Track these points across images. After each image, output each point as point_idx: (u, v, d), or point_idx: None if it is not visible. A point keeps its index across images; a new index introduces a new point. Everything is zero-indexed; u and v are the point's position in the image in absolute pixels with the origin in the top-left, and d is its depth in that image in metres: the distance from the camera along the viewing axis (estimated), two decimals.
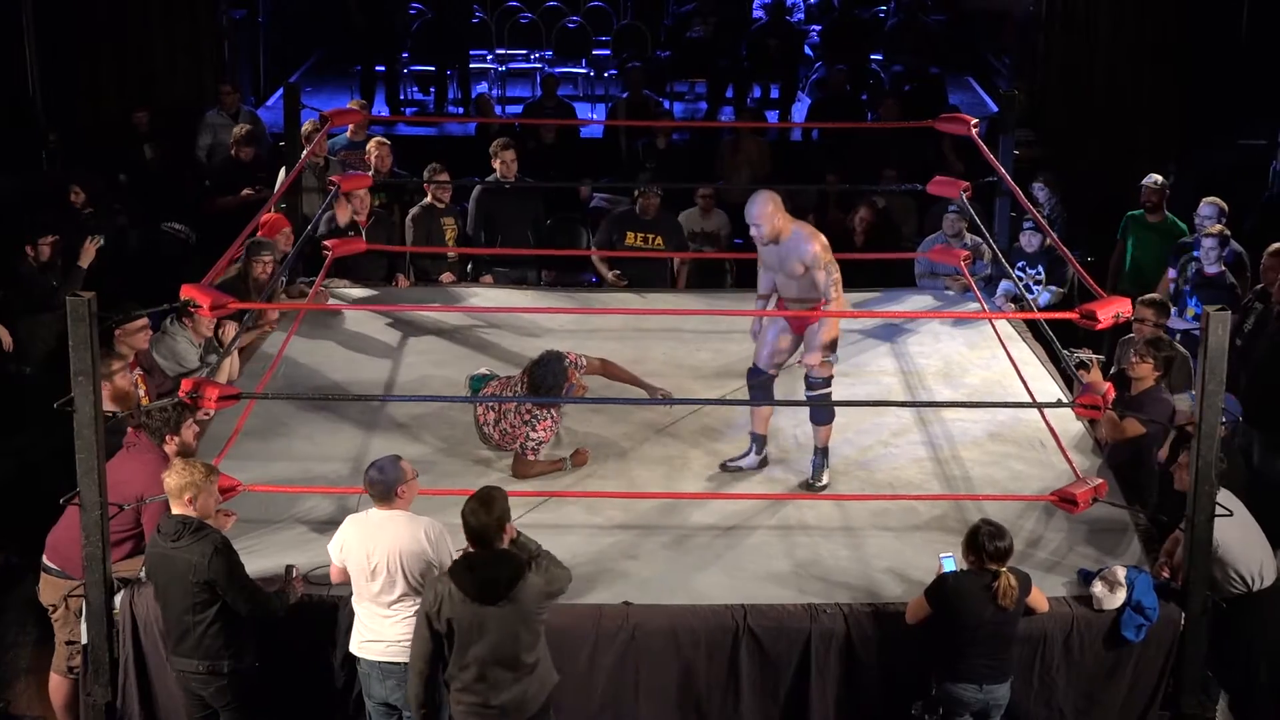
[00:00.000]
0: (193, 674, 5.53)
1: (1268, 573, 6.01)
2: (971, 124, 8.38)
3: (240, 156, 10.70)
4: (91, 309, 5.42)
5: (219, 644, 5.47)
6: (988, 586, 5.44)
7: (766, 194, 6.55)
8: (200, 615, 5.44)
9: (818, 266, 6.50)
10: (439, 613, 5.12)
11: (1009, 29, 14.56)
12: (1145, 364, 6.90)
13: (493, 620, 5.10)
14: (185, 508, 5.47)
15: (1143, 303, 7.62)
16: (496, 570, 5.13)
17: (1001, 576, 5.44)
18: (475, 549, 5.19)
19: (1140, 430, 6.73)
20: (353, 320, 8.64)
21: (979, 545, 5.45)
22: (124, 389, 6.70)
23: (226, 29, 12.76)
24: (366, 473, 5.53)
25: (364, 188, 9.05)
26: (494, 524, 5.15)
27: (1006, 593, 5.43)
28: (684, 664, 5.76)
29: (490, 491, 5.25)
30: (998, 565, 5.45)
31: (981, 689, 5.54)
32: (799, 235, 6.55)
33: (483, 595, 5.10)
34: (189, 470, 5.50)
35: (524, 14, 14.81)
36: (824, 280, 6.51)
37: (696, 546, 6.33)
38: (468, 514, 5.16)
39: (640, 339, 8.35)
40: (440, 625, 5.13)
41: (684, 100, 14.11)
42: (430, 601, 5.15)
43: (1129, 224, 9.69)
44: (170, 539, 5.42)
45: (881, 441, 7.25)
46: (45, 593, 6.16)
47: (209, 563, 5.37)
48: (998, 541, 5.45)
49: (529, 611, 5.18)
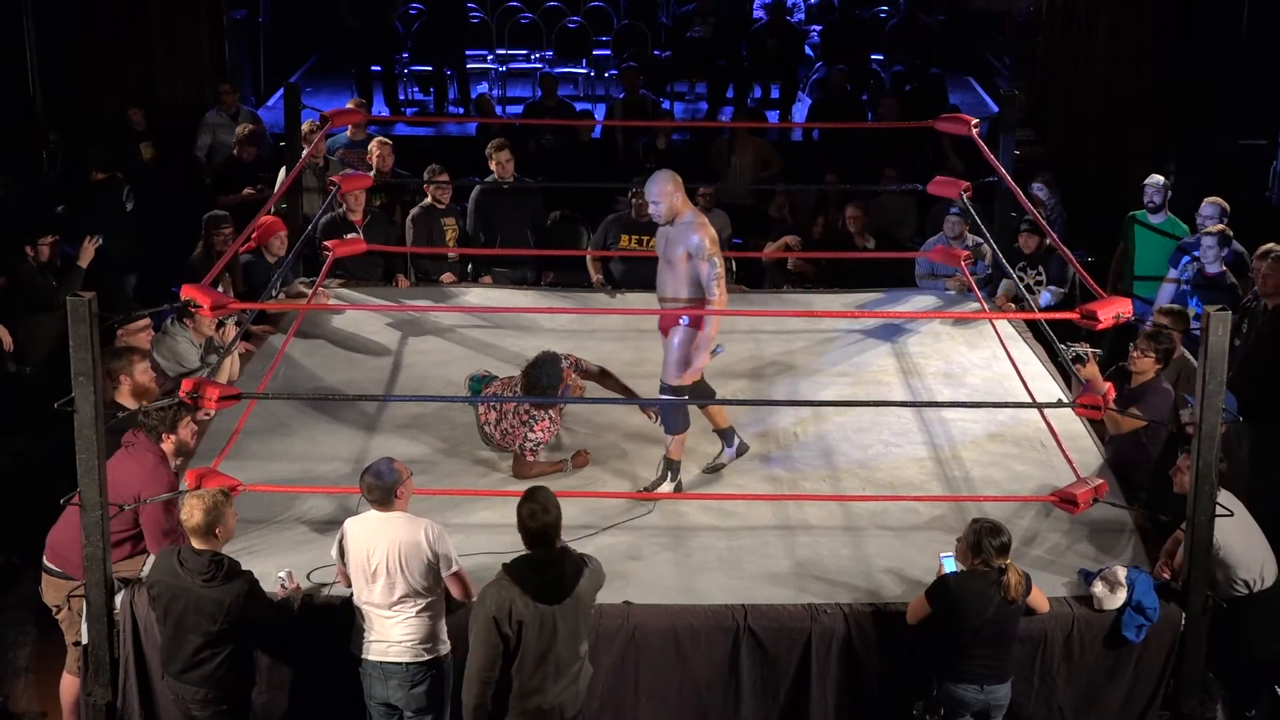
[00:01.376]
0: (192, 700, 5.54)
1: (1268, 573, 6.02)
2: (971, 124, 8.38)
3: (243, 157, 10.72)
4: (92, 309, 5.41)
5: (224, 675, 5.48)
6: (991, 585, 5.45)
7: (667, 173, 6.49)
8: (215, 649, 5.43)
9: (701, 257, 6.37)
10: (509, 616, 5.09)
11: (1009, 29, 14.55)
12: (1146, 358, 6.89)
13: (560, 619, 5.13)
14: (212, 542, 5.42)
15: (1160, 312, 7.61)
16: (562, 569, 5.17)
17: (1010, 570, 5.46)
18: (535, 550, 5.18)
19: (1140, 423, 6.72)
20: (353, 320, 8.64)
21: (980, 545, 5.46)
22: (144, 385, 6.67)
23: (226, 29, 12.75)
24: (363, 478, 5.50)
25: (364, 187, 9.06)
26: (555, 523, 5.17)
27: (1016, 586, 5.45)
28: (684, 664, 5.76)
29: (543, 492, 5.25)
30: (1002, 560, 5.46)
31: (983, 689, 5.54)
32: (691, 222, 6.43)
33: (550, 595, 5.12)
34: (210, 502, 5.43)
35: (524, 14, 14.81)
36: (706, 272, 6.37)
37: (696, 546, 6.33)
38: (527, 517, 5.14)
39: (640, 339, 8.34)
40: (510, 629, 5.10)
41: (684, 100, 14.11)
42: (495, 605, 5.10)
43: (1130, 224, 9.68)
44: (201, 577, 5.37)
45: (882, 441, 7.25)
46: (48, 594, 6.15)
47: (244, 604, 5.37)
48: (999, 538, 5.46)
49: (587, 608, 5.25)
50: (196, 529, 5.40)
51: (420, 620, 5.44)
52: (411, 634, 5.43)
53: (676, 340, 6.59)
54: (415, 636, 5.44)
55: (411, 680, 5.47)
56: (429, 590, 5.42)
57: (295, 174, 8.68)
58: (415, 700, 5.51)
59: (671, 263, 6.47)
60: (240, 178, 10.57)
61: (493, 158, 9.40)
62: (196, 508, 5.40)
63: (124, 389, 6.60)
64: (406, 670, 5.46)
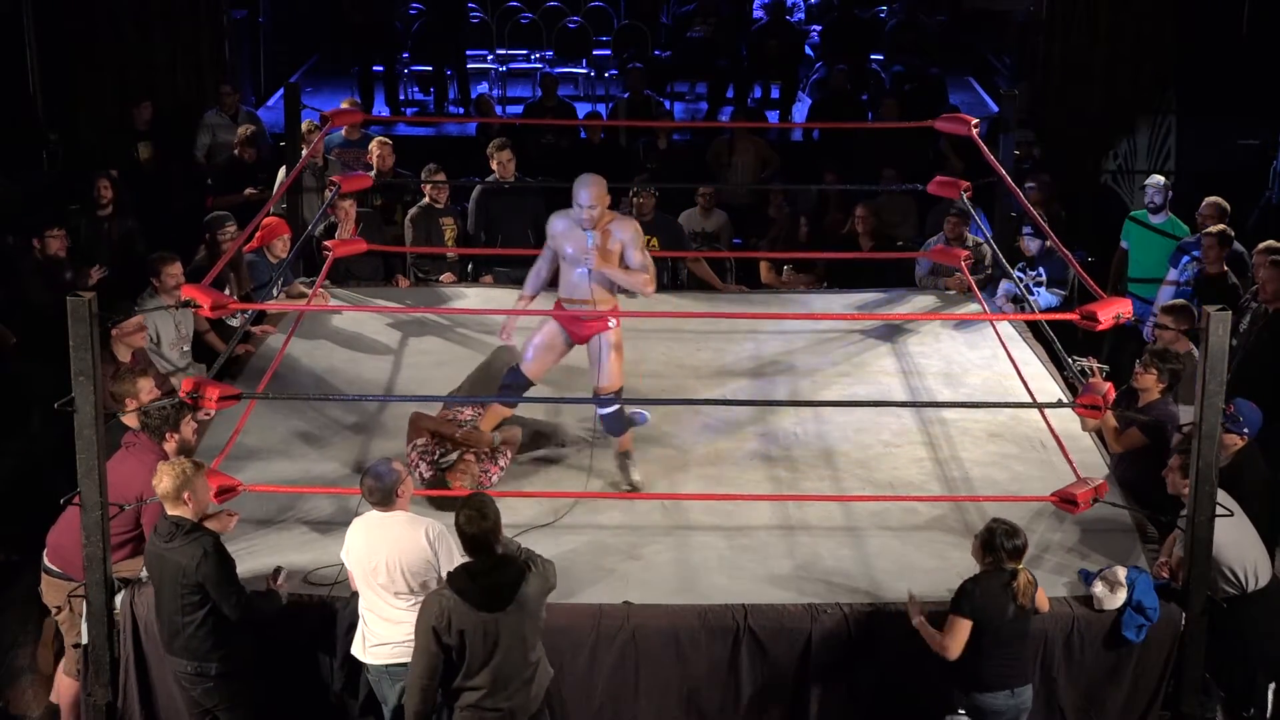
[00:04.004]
0: (183, 674, 5.55)
1: (1262, 573, 6.01)
2: (972, 124, 8.38)
3: (244, 157, 10.70)
4: (92, 309, 5.42)
5: (207, 646, 5.47)
6: (1006, 586, 5.41)
7: (595, 177, 6.46)
8: (190, 616, 5.44)
9: (635, 246, 6.42)
10: (448, 626, 5.07)
11: (1009, 29, 14.55)
12: (1149, 374, 6.76)
13: (502, 627, 5.10)
14: (181, 508, 5.46)
15: (1164, 310, 7.52)
16: (501, 576, 5.13)
17: (1020, 574, 5.42)
18: (474, 557, 5.15)
19: (1143, 440, 6.69)
20: (353, 320, 8.64)
21: (996, 545, 5.41)
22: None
23: (226, 29, 12.75)
24: (363, 480, 5.49)
25: (364, 187, 9.05)
26: (492, 529, 5.12)
27: (1026, 590, 5.41)
28: (684, 664, 5.76)
29: (481, 498, 5.22)
30: (1015, 563, 5.43)
31: (1013, 694, 5.48)
32: (616, 219, 6.48)
33: (490, 603, 5.08)
34: (179, 469, 5.48)
35: (524, 14, 14.81)
36: (638, 259, 6.42)
37: (697, 546, 6.33)
38: (464, 523, 5.10)
39: (640, 339, 8.35)
40: (450, 639, 5.09)
41: (684, 100, 14.11)
42: (435, 615, 5.09)
43: (1130, 224, 9.68)
44: (164, 540, 5.43)
45: (882, 441, 7.25)
46: (48, 594, 6.15)
47: (198, 565, 5.37)
48: (1015, 540, 5.42)
49: (534, 612, 5.19)
50: (165, 494, 5.45)
51: None
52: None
53: (606, 344, 6.59)
54: None
55: None
56: (429, 589, 5.41)
57: (295, 174, 8.68)
58: None
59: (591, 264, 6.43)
60: (241, 179, 10.57)
61: (494, 157, 9.41)
62: (165, 473, 5.46)
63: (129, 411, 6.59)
64: None
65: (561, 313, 6.61)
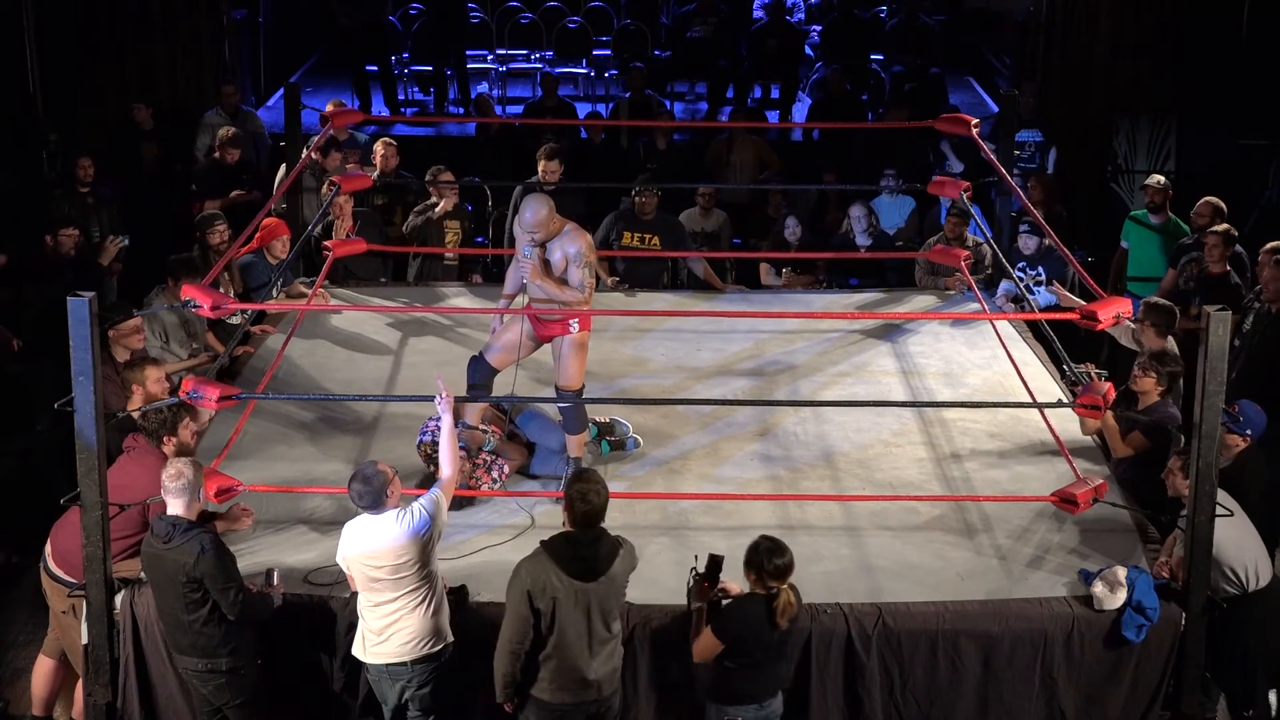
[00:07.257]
0: (194, 672, 5.55)
1: (1263, 573, 6.01)
2: (972, 124, 8.38)
3: (226, 159, 10.57)
4: (92, 309, 5.42)
5: (215, 641, 5.48)
6: (768, 607, 5.25)
7: (540, 198, 6.49)
8: (194, 614, 5.44)
9: (579, 264, 6.46)
10: (543, 591, 5.18)
11: (1009, 29, 14.55)
12: (1148, 378, 6.76)
13: (593, 596, 5.22)
14: (184, 509, 5.46)
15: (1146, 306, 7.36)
16: (599, 549, 5.26)
17: (782, 594, 5.26)
18: (583, 530, 5.25)
19: (1144, 444, 6.69)
20: (352, 320, 8.64)
21: (759, 563, 5.26)
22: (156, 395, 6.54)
23: (226, 29, 12.75)
24: (351, 486, 5.44)
25: (364, 187, 9.04)
26: (604, 506, 5.28)
27: (786, 612, 5.26)
28: (684, 664, 5.75)
29: (595, 475, 5.37)
30: (779, 583, 5.26)
31: (761, 707, 5.43)
32: (569, 233, 6.50)
33: (585, 573, 5.21)
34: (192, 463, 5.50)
35: (524, 14, 14.80)
36: (577, 277, 6.46)
37: (696, 546, 6.31)
38: (590, 495, 5.21)
39: (640, 339, 8.35)
40: (543, 604, 5.18)
41: (684, 100, 14.11)
42: (531, 580, 5.19)
43: (1130, 224, 9.68)
44: (162, 540, 5.42)
45: (882, 441, 7.25)
46: (53, 599, 6.12)
47: (196, 560, 5.37)
48: (779, 559, 5.26)
49: (621, 586, 5.34)
50: (193, 484, 5.46)
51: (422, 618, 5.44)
52: (416, 634, 5.43)
53: (567, 344, 6.64)
54: (419, 635, 5.44)
55: (419, 681, 5.49)
56: (427, 580, 5.43)
57: (296, 174, 8.68)
58: (421, 701, 5.53)
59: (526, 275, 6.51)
60: (224, 181, 10.50)
61: (541, 163, 9.18)
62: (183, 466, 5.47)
63: (136, 398, 6.59)
64: (411, 669, 5.46)
65: (530, 310, 6.68)
